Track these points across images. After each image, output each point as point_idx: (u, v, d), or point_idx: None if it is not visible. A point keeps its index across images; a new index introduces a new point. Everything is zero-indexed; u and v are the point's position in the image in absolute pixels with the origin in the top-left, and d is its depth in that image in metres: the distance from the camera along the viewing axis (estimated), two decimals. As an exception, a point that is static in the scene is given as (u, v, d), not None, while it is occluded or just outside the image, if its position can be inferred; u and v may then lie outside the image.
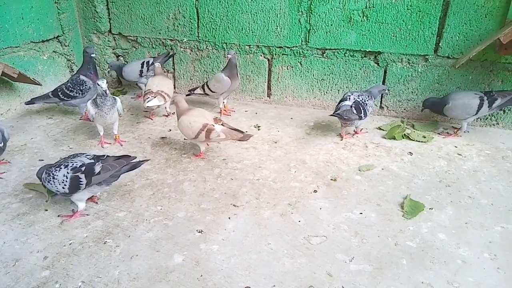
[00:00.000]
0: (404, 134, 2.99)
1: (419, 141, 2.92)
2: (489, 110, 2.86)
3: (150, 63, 3.53)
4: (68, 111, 3.41)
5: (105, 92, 2.59)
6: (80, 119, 3.25)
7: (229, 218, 2.07)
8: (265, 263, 1.77)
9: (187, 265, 1.75)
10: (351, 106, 2.75)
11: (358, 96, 2.84)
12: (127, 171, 2.10)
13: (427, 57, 3.15)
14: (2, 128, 2.40)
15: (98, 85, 2.56)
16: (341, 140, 2.94)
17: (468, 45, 3.00)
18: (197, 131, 2.49)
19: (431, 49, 3.12)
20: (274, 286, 1.65)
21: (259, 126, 3.19)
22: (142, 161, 2.15)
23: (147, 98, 2.99)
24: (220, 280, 1.68)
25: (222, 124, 2.55)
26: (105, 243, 1.88)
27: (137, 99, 3.75)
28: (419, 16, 3.04)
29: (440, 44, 3.08)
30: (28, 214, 2.08)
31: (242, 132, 2.54)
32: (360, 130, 3.05)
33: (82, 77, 3.12)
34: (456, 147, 2.86)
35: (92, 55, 3.14)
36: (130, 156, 2.11)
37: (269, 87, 3.68)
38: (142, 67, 3.51)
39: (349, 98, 2.82)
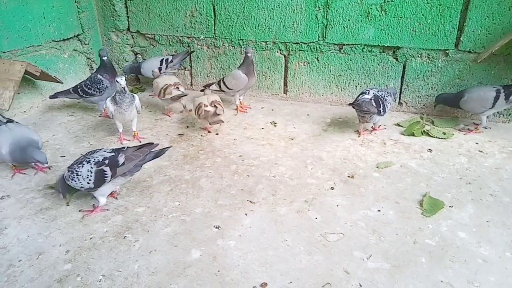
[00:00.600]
0: (424, 131, 2.94)
1: (439, 138, 2.87)
2: (507, 104, 2.79)
3: (169, 60, 3.58)
4: (88, 108, 3.48)
5: (124, 89, 2.63)
6: (99, 116, 3.32)
7: (246, 214, 2.08)
8: (281, 260, 1.77)
9: (205, 261, 1.77)
10: (370, 99, 2.72)
11: (378, 91, 2.81)
12: (152, 160, 2.14)
13: (447, 51, 3.09)
14: (38, 138, 2.44)
15: (117, 82, 2.60)
16: (359, 136, 2.91)
17: (491, 39, 2.92)
18: (195, 106, 2.95)
19: (451, 43, 3.05)
20: (291, 282, 1.65)
21: (275, 123, 3.19)
22: (165, 148, 2.19)
23: (172, 88, 3.15)
24: (237, 275, 1.69)
25: (214, 106, 2.87)
26: (124, 237, 1.91)
27: (155, 96, 3.79)
28: (439, 10, 2.97)
29: (461, 38, 3.01)
30: (51, 208, 2.14)
31: (217, 116, 2.87)
32: (378, 127, 3.01)
33: (99, 76, 3.16)
34: (477, 143, 2.80)
35: (104, 58, 3.17)
36: (152, 143, 2.15)
37: (285, 84, 3.67)
38: (161, 64, 3.56)
39: (369, 93, 2.79)
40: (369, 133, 2.98)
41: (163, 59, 3.59)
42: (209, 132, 3.00)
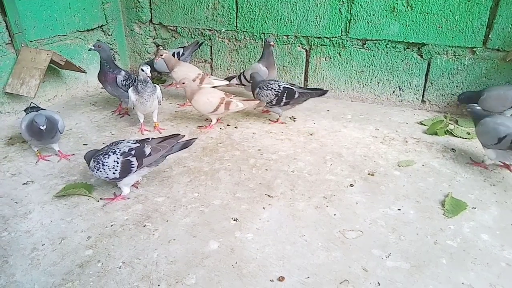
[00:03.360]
0: (447, 130, 2.87)
1: (462, 138, 2.80)
2: None
3: (181, 53, 3.58)
4: (110, 98, 3.52)
5: (148, 77, 2.65)
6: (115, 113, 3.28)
7: (264, 208, 2.08)
8: (299, 254, 1.77)
9: (223, 252, 1.78)
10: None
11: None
12: (178, 151, 2.16)
13: (474, 49, 3.00)
14: (58, 118, 2.46)
15: (142, 70, 2.61)
16: (275, 123, 3.07)
17: (521, 37, 2.83)
18: (216, 105, 2.83)
19: (479, 41, 2.96)
20: (308, 277, 1.65)
21: (294, 118, 3.17)
22: (192, 139, 2.21)
23: (209, 77, 3.24)
24: (254, 268, 1.69)
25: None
26: (144, 226, 1.94)
27: (175, 86, 3.79)
28: (468, 6, 2.89)
29: (490, 36, 2.92)
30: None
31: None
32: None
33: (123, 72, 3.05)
34: (503, 145, 2.72)
35: (91, 48, 2.95)
36: (178, 134, 2.16)
37: (306, 79, 3.64)
38: (173, 57, 3.54)
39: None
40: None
41: (174, 52, 3.58)
42: (228, 125, 3.01)
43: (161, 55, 3.19)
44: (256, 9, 3.48)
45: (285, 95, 2.89)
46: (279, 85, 2.91)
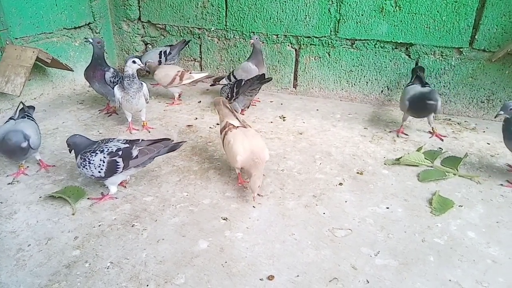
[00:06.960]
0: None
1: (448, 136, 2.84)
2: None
3: (168, 52, 3.55)
4: (97, 97, 3.48)
5: (136, 72, 2.63)
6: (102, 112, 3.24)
7: (254, 207, 2.08)
8: (289, 253, 1.77)
9: (212, 251, 1.77)
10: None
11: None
12: (165, 153, 2.16)
13: (461, 49, 3.04)
14: (30, 133, 2.22)
15: (133, 63, 2.58)
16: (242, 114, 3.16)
17: (506, 38, 2.87)
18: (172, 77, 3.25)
19: (466, 41, 3.00)
20: (298, 276, 1.65)
21: (284, 117, 3.17)
22: (180, 142, 2.20)
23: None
24: (244, 267, 1.69)
25: None
26: (133, 226, 1.92)
27: (157, 85, 3.76)
28: (454, 6, 2.93)
29: (476, 37, 2.96)
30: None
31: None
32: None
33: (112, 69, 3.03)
34: (488, 144, 2.76)
35: (89, 41, 2.90)
36: (168, 139, 2.15)
37: (295, 78, 3.64)
38: (160, 57, 3.53)
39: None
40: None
41: (161, 51, 3.56)
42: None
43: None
44: (245, 8, 3.47)
45: (235, 85, 3.06)
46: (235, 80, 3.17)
